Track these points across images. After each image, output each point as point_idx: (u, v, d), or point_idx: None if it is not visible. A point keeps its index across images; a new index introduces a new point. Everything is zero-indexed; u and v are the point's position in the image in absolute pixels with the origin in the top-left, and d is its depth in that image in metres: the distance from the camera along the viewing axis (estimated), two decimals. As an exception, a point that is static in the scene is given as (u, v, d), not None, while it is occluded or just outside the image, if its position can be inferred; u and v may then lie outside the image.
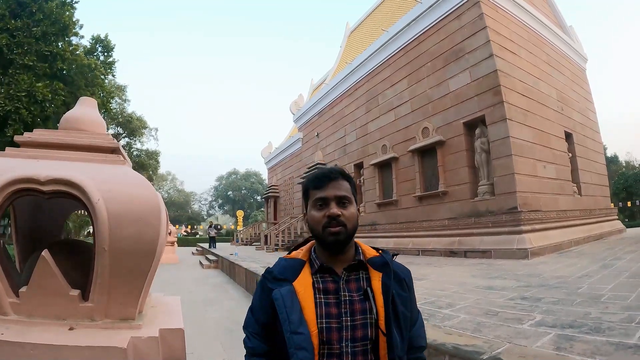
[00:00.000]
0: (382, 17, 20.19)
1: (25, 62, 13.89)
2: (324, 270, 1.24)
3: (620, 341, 2.85)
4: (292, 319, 1.12)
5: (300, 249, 1.35)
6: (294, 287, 1.19)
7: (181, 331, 1.89)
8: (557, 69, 14.59)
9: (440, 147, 12.48)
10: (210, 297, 9.30)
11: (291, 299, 1.16)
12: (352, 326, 1.16)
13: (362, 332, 1.17)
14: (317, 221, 1.23)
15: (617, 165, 48.56)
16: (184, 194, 73.08)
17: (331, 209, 1.21)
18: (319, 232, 1.22)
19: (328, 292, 1.21)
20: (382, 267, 1.27)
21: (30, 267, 1.82)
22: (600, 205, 15.57)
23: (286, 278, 1.22)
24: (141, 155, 35.41)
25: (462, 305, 4.54)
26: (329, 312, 1.17)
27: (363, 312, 1.18)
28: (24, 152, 1.94)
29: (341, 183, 1.27)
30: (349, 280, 1.24)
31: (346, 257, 1.27)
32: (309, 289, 1.20)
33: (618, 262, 7.53)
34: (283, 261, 1.30)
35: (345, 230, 1.21)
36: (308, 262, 1.28)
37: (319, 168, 1.47)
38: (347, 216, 1.23)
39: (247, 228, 32.90)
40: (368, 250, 1.33)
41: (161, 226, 1.83)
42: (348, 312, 1.18)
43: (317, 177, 1.29)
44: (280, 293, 1.17)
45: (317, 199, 1.25)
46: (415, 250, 12.64)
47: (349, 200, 1.26)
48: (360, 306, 1.19)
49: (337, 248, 1.23)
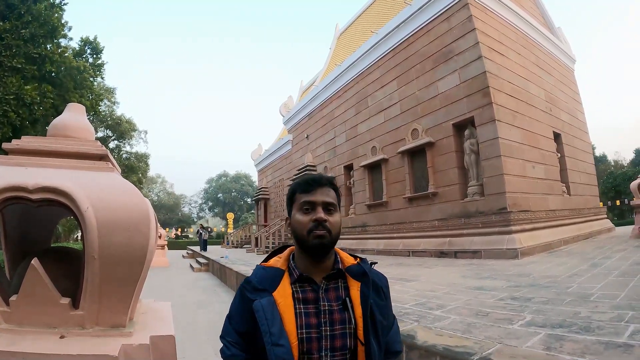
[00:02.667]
0: (372, 19, 20.24)
1: (13, 65, 13.75)
2: (303, 280, 1.26)
3: (610, 340, 2.88)
4: (273, 331, 1.13)
5: (278, 257, 1.36)
6: (274, 298, 1.19)
7: (172, 338, 1.89)
8: (545, 70, 14.73)
9: (429, 148, 12.54)
10: (201, 300, 9.27)
11: (272, 311, 1.16)
12: (331, 336, 1.18)
13: (341, 341, 1.18)
14: (302, 225, 1.24)
15: (606, 165, 49.14)
16: (174, 196, 72.78)
17: (318, 213, 1.23)
18: (304, 236, 1.23)
19: (308, 302, 1.22)
20: (361, 276, 1.29)
21: (20, 275, 1.80)
22: (589, 204, 15.73)
23: (265, 288, 1.22)
24: (130, 158, 35.19)
25: (452, 306, 4.56)
26: (308, 322, 1.19)
27: (342, 322, 1.20)
28: (12, 159, 1.93)
29: (329, 190, 1.30)
30: (328, 290, 1.26)
31: (326, 265, 1.29)
32: (288, 299, 1.21)
33: (607, 261, 7.61)
34: (261, 270, 1.30)
35: (330, 236, 1.23)
36: (287, 271, 1.28)
37: (307, 173, 1.49)
38: (332, 223, 1.24)
39: (238, 230, 32.77)
40: (346, 259, 1.35)
41: (151, 233, 1.83)
42: (327, 322, 1.19)
43: (307, 181, 1.30)
44: (261, 304, 1.17)
45: (304, 202, 1.26)
46: (406, 251, 12.68)
47: (335, 208, 1.28)
48: (340, 316, 1.21)
49: (320, 253, 1.25)
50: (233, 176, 76.56)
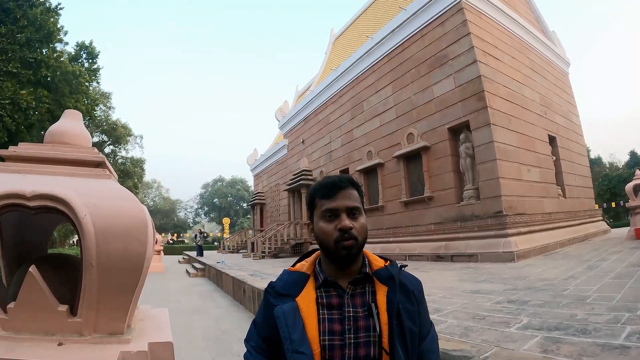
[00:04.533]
0: (367, 24, 20.33)
1: (9, 69, 13.67)
2: (328, 284, 1.21)
3: (607, 342, 2.90)
4: (294, 338, 1.09)
5: (305, 261, 1.31)
6: (297, 303, 1.15)
7: (170, 344, 1.88)
8: (540, 73, 14.83)
9: (425, 152, 12.58)
10: (198, 306, 9.25)
11: (293, 317, 1.12)
12: (355, 344, 1.12)
13: (365, 350, 1.12)
14: (327, 234, 1.17)
15: (601, 167, 49.29)
16: (169, 201, 72.65)
17: (342, 221, 1.17)
18: (331, 246, 1.17)
19: (332, 308, 1.17)
20: (388, 280, 1.21)
21: (17, 283, 1.80)
22: (584, 206, 15.82)
23: (289, 294, 1.19)
24: (126, 163, 35.05)
25: (449, 310, 4.57)
26: (332, 329, 1.13)
27: (367, 330, 1.13)
28: (9, 166, 1.92)
29: (351, 192, 1.22)
30: (354, 295, 1.20)
31: (353, 269, 1.23)
32: (312, 304, 1.16)
33: (603, 263, 7.65)
34: (286, 275, 1.27)
35: (357, 243, 1.17)
36: (312, 275, 1.24)
37: (327, 176, 1.43)
38: (358, 228, 1.18)
39: (234, 235, 32.70)
40: (375, 261, 1.28)
41: (148, 240, 1.82)
42: (352, 329, 1.13)
43: (326, 186, 1.23)
44: (282, 310, 1.14)
45: (327, 210, 1.20)
46: (402, 256, 12.68)
47: (359, 211, 1.22)
48: (365, 323, 1.14)
49: (348, 262, 1.20)
50: (229, 181, 76.48)
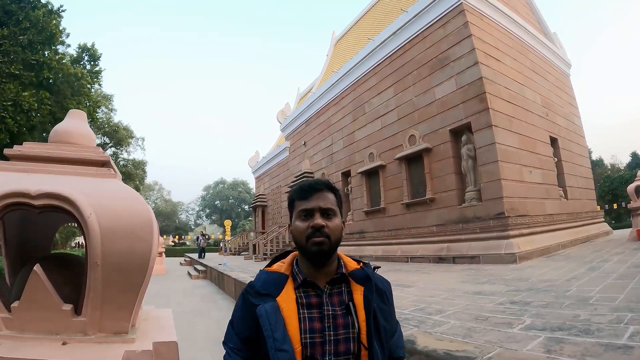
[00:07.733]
0: (368, 26, 20.31)
1: (11, 71, 13.70)
2: (307, 285, 1.25)
3: (610, 342, 2.89)
4: (277, 337, 1.12)
5: (281, 262, 1.35)
6: (278, 303, 1.18)
7: (175, 344, 1.88)
8: (541, 75, 14.81)
9: (427, 154, 12.56)
10: (199, 308, 9.24)
11: (275, 316, 1.15)
12: (335, 340, 1.18)
13: (344, 346, 1.18)
14: (301, 232, 1.24)
15: (603, 169, 49.24)
16: (171, 204, 72.64)
17: (315, 220, 1.22)
18: (303, 243, 1.23)
19: (312, 307, 1.22)
20: (364, 280, 1.28)
21: (21, 282, 1.80)
22: (586, 208, 15.78)
23: (269, 293, 1.21)
24: (128, 165, 35.06)
25: (452, 311, 4.56)
26: (312, 327, 1.18)
27: (346, 327, 1.20)
28: (14, 165, 1.93)
29: (326, 195, 1.28)
30: (332, 294, 1.25)
31: (329, 270, 1.28)
32: (292, 304, 1.20)
33: (605, 264, 7.63)
34: (264, 275, 1.29)
35: (329, 241, 1.22)
36: (290, 275, 1.28)
37: (305, 178, 1.48)
38: (332, 228, 1.23)
39: (235, 237, 32.66)
40: (349, 263, 1.34)
41: (153, 240, 1.83)
42: (331, 327, 1.19)
43: (303, 188, 1.30)
44: (264, 309, 1.17)
45: (302, 210, 1.26)
46: (404, 257, 12.67)
47: (334, 212, 1.27)
48: (343, 320, 1.20)
49: (321, 259, 1.24)
50: (230, 183, 76.47)
